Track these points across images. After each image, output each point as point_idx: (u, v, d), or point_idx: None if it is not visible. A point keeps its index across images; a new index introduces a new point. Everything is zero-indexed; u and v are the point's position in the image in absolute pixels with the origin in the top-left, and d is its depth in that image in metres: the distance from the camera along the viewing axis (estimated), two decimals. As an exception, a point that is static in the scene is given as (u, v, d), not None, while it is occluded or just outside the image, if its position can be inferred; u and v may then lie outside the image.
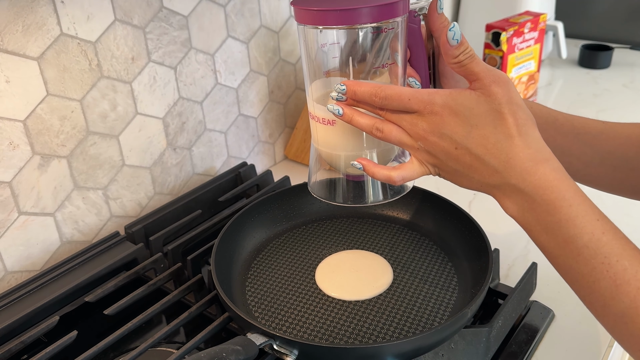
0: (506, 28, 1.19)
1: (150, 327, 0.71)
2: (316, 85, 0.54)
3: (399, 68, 0.52)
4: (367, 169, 0.50)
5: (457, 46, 0.45)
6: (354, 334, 0.62)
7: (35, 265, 0.79)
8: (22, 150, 0.72)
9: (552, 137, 0.58)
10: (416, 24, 0.52)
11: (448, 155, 0.46)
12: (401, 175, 0.49)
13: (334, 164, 0.55)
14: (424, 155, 0.48)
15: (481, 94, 0.45)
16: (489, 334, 0.62)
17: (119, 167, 0.85)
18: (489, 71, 0.45)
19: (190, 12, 0.89)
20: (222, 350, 0.51)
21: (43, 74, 0.72)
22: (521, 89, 1.30)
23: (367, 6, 0.47)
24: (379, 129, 0.48)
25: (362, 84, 0.48)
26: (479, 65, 0.45)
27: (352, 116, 0.49)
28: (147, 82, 0.86)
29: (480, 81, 0.45)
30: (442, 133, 0.46)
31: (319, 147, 0.56)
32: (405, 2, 0.49)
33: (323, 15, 0.48)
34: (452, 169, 0.47)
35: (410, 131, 0.47)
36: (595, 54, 1.58)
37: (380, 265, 0.73)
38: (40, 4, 0.70)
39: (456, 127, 0.45)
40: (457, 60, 0.46)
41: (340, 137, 0.52)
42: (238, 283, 0.71)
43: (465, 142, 0.45)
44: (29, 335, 0.63)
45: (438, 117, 0.45)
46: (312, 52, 0.52)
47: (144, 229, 0.82)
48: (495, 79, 0.44)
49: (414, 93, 0.46)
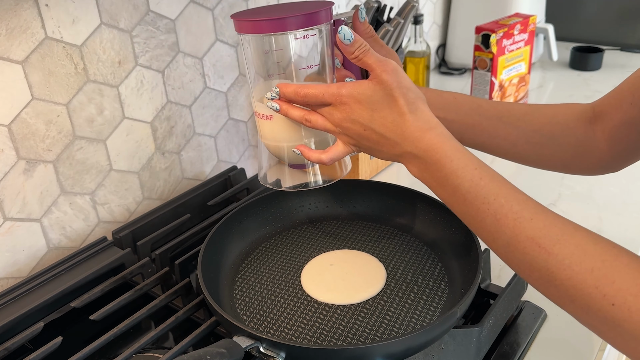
0: (496, 30, 1.19)
1: (138, 332, 0.70)
2: (258, 87, 0.62)
3: (327, 68, 0.60)
4: (304, 154, 0.59)
5: (352, 44, 0.53)
6: (342, 335, 0.61)
7: (22, 272, 0.78)
8: (6, 155, 0.72)
9: (477, 122, 0.66)
10: None
11: (360, 136, 0.55)
12: (329, 156, 0.58)
13: (279, 154, 0.63)
14: (344, 138, 0.57)
15: (376, 82, 0.53)
16: (479, 334, 0.62)
17: (106, 172, 0.85)
18: (380, 62, 0.52)
19: (177, 15, 0.88)
20: (206, 353, 0.50)
21: (28, 77, 0.71)
22: (512, 91, 1.30)
23: (294, 15, 0.55)
24: (308, 119, 0.57)
25: (287, 86, 0.57)
26: (371, 58, 0.53)
27: (287, 110, 0.58)
28: (135, 86, 0.85)
29: (374, 71, 0.53)
30: (352, 119, 0.54)
31: (264, 141, 0.64)
32: (328, 11, 0.57)
33: (257, 25, 0.56)
34: (366, 146, 0.56)
35: (330, 119, 0.56)
36: (586, 56, 1.59)
37: (373, 268, 0.72)
38: (24, 7, 0.69)
39: (362, 113, 0.53)
40: (354, 55, 0.54)
41: (280, 130, 0.61)
42: (226, 287, 0.71)
43: (370, 124, 0.53)
44: (13, 342, 0.62)
45: (347, 106, 0.54)
46: (253, 58, 0.60)
47: (131, 234, 0.81)
48: (385, 69, 0.52)
49: (327, 89, 0.54)
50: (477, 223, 0.51)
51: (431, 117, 0.54)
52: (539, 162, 0.68)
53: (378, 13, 1.03)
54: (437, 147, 0.52)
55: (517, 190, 0.50)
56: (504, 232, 0.48)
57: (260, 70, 0.61)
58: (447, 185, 0.52)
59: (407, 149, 0.53)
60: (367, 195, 0.84)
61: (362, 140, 0.55)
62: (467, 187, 0.50)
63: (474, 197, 0.50)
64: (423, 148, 0.52)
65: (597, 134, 0.64)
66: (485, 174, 0.50)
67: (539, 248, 0.46)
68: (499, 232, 0.49)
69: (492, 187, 0.50)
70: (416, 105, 0.53)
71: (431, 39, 1.65)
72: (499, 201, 0.49)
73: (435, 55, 1.69)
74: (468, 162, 0.51)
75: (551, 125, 0.66)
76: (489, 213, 0.49)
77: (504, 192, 0.49)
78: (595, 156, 0.65)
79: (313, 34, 0.57)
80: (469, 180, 0.50)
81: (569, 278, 0.44)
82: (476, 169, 0.51)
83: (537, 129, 0.66)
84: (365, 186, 0.85)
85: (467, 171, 0.51)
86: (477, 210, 0.50)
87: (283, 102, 0.58)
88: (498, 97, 1.27)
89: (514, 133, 0.66)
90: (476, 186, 0.50)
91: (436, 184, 0.53)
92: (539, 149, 0.66)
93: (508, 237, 0.48)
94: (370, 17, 0.99)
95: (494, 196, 0.49)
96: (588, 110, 0.65)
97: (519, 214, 0.48)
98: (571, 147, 0.65)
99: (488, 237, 0.50)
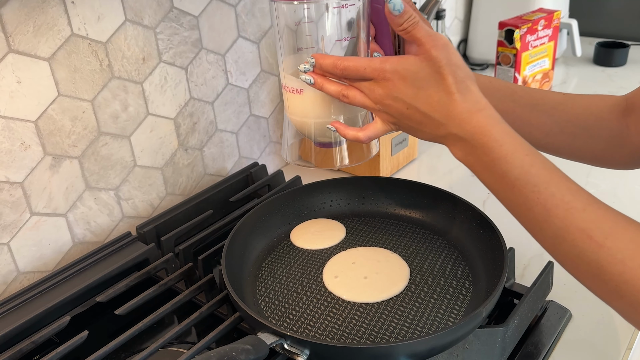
0: (519, 25, 1.18)
1: (162, 327, 0.71)
2: (288, 60, 0.60)
3: (362, 42, 0.57)
4: (340, 131, 0.57)
5: (401, 15, 0.50)
6: (366, 333, 0.61)
7: (48, 266, 0.79)
8: (33, 151, 0.73)
9: (511, 108, 0.64)
10: (380, 4, 0.56)
11: (402, 114, 0.53)
12: (367, 134, 0.56)
13: (305, 131, 0.61)
14: (384, 116, 0.55)
15: (424, 58, 0.50)
16: (504, 334, 0.61)
17: (130, 167, 0.85)
18: (430, 36, 0.50)
19: (200, 12, 0.88)
20: (232, 350, 0.50)
21: (54, 74, 0.72)
22: (535, 87, 1.29)
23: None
24: (345, 94, 0.55)
25: (325, 57, 0.54)
26: (420, 31, 0.50)
27: (322, 84, 0.55)
28: (158, 82, 0.86)
29: (422, 46, 0.50)
30: (394, 96, 0.52)
31: (291, 116, 0.62)
32: None
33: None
34: (407, 126, 0.54)
35: (369, 96, 0.53)
36: (610, 52, 1.56)
37: (396, 266, 0.72)
38: (51, 5, 0.70)
39: (405, 90, 0.51)
40: (402, 27, 0.51)
41: (310, 105, 0.58)
42: (249, 283, 0.71)
43: (414, 102, 0.51)
44: (41, 335, 0.63)
45: (390, 82, 0.51)
46: (285, 29, 0.58)
47: (155, 230, 0.82)
48: (434, 44, 0.50)
49: (369, 62, 0.52)
50: (525, 212, 0.49)
51: (480, 97, 0.51)
52: (571, 153, 0.67)
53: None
54: (485, 129, 0.49)
55: (568, 179, 0.48)
56: (553, 223, 0.46)
57: (292, 41, 0.58)
58: (494, 171, 0.50)
59: (453, 130, 0.51)
60: (389, 193, 0.84)
61: (404, 119, 0.53)
62: (516, 173, 0.48)
63: (524, 184, 0.48)
64: (470, 130, 0.50)
65: (630, 127, 0.62)
66: (536, 161, 0.48)
67: (589, 240, 0.44)
68: (547, 222, 0.47)
69: (543, 175, 0.48)
70: (465, 84, 0.50)
71: (453, 34, 1.64)
72: (549, 190, 0.47)
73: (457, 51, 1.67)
74: (518, 147, 0.49)
75: (585, 116, 0.64)
76: (538, 202, 0.47)
77: (555, 180, 0.47)
78: (627, 149, 0.63)
79: (352, 3, 0.55)
80: (519, 167, 0.48)
81: (621, 273, 0.43)
82: (527, 155, 0.49)
83: (571, 119, 0.64)
84: (387, 183, 0.84)
85: (517, 157, 0.48)
86: (526, 198, 0.48)
87: (318, 75, 0.55)
88: (521, 94, 1.25)
89: (547, 122, 0.64)
90: (526, 173, 0.48)
91: (482, 169, 0.51)
92: (571, 139, 0.65)
93: (557, 227, 0.46)
94: None
95: (544, 184, 0.47)
96: (621, 102, 0.64)
97: (570, 204, 0.46)
98: (603, 140, 0.64)
99: (535, 226, 0.49)
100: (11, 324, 0.64)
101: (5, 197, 0.71)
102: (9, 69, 0.68)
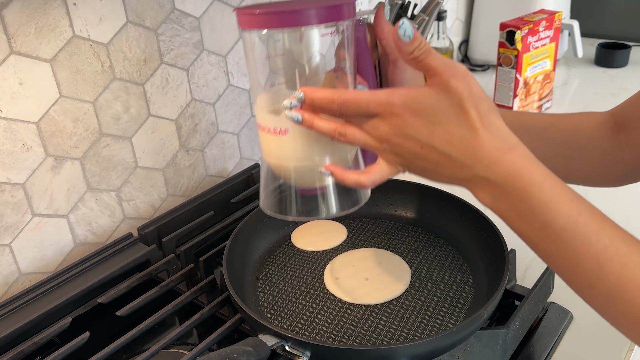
0: (521, 26, 1.18)
1: (163, 329, 0.71)
2: (265, 95, 0.52)
3: (348, 74, 0.50)
4: (337, 176, 0.49)
5: (411, 42, 0.43)
6: (367, 335, 0.61)
7: (49, 267, 0.79)
8: (35, 152, 0.73)
9: None
10: (361, 32, 0.51)
11: (415, 154, 0.45)
12: (371, 179, 0.48)
13: (285, 175, 0.53)
14: (391, 156, 0.47)
15: (440, 90, 0.43)
16: (505, 335, 0.61)
17: (132, 168, 0.85)
18: (447, 65, 0.44)
19: (202, 13, 0.89)
20: (233, 351, 0.50)
21: (56, 75, 0.72)
22: (536, 88, 1.29)
23: (313, 7, 0.45)
24: (342, 133, 0.47)
25: (318, 90, 0.46)
26: (435, 59, 0.44)
27: (312, 122, 0.47)
28: (160, 83, 0.86)
29: (438, 76, 0.43)
30: (406, 134, 0.45)
31: (270, 160, 0.53)
32: (351, 6, 0.48)
33: (267, 18, 0.46)
34: (421, 167, 0.47)
35: (373, 134, 0.46)
36: (612, 53, 1.56)
37: (397, 267, 0.72)
38: (53, 6, 0.70)
39: (419, 127, 0.44)
40: (413, 56, 0.44)
41: (291, 146, 0.50)
42: (250, 284, 0.71)
43: (431, 140, 0.44)
44: (42, 337, 0.63)
45: (399, 118, 0.44)
46: (259, 61, 0.50)
47: (156, 231, 0.82)
48: (453, 73, 0.43)
49: (372, 96, 0.45)
50: (572, 266, 0.43)
51: (509, 133, 0.45)
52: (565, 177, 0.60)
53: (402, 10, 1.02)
54: (521, 172, 0.43)
55: (619, 228, 0.43)
56: (607, 279, 0.41)
57: (269, 74, 0.51)
58: (533, 220, 0.43)
59: (480, 172, 0.44)
60: (390, 194, 0.84)
61: (417, 160, 0.46)
62: (562, 223, 0.42)
63: (572, 236, 0.42)
64: (502, 173, 0.43)
65: (621, 144, 0.60)
66: (584, 208, 0.43)
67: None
68: (600, 279, 0.41)
69: (594, 225, 0.42)
70: (490, 118, 0.44)
71: (454, 35, 1.64)
72: (602, 242, 0.41)
73: (458, 52, 1.67)
74: (562, 192, 0.43)
75: (577, 137, 0.61)
76: (589, 255, 0.41)
77: (607, 230, 0.42)
78: (620, 167, 0.61)
79: (335, 30, 0.48)
80: (565, 216, 0.42)
81: None
82: (572, 202, 0.43)
83: (563, 140, 0.62)
84: (389, 185, 0.84)
85: (562, 204, 0.42)
86: (574, 251, 0.42)
87: (307, 111, 0.47)
88: (523, 95, 1.25)
89: (540, 146, 0.60)
90: (574, 223, 0.42)
91: (517, 216, 0.44)
92: (565, 161, 0.62)
93: (612, 284, 0.41)
94: (394, 14, 0.99)
95: (596, 236, 0.41)
96: (608, 119, 0.62)
97: (626, 258, 0.41)
98: (597, 159, 0.61)
99: (583, 283, 0.43)
100: (13, 325, 0.64)
101: (6, 198, 0.71)
102: (10, 71, 0.68)
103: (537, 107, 1.31)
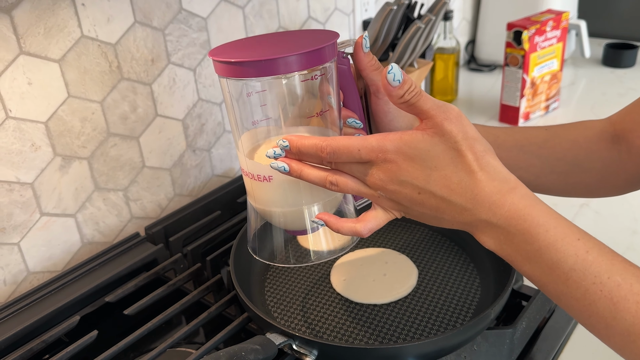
0: (528, 26, 1.17)
1: (170, 328, 0.71)
2: (246, 138, 0.50)
3: (334, 112, 0.49)
4: (330, 225, 0.47)
5: (401, 86, 0.42)
6: (374, 334, 0.61)
7: (57, 266, 0.79)
8: (43, 152, 0.73)
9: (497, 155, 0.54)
10: (345, 64, 0.50)
11: (412, 201, 0.44)
12: (367, 227, 0.47)
13: (274, 220, 0.52)
14: (386, 203, 0.46)
15: (434, 133, 0.42)
16: (512, 335, 0.61)
17: (139, 168, 0.86)
18: (439, 108, 0.43)
19: (209, 13, 0.89)
20: (241, 350, 0.50)
21: (64, 75, 0.73)
22: (544, 88, 1.28)
23: (292, 54, 0.43)
24: (333, 182, 0.45)
25: (305, 139, 0.45)
26: (427, 102, 0.43)
27: (300, 171, 0.46)
28: (167, 83, 0.86)
29: (431, 120, 0.42)
30: (401, 180, 0.43)
31: (255, 205, 0.52)
32: (332, 46, 0.46)
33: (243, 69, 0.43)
34: (419, 213, 0.45)
35: (367, 181, 0.45)
36: (619, 53, 1.56)
37: (404, 267, 0.72)
38: (62, 7, 0.70)
39: (415, 172, 0.43)
40: (404, 100, 0.43)
41: (280, 193, 0.48)
42: (257, 283, 0.71)
43: (428, 186, 0.43)
44: (50, 335, 0.64)
45: (393, 164, 0.43)
46: (237, 104, 0.48)
47: (164, 230, 0.82)
48: (447, 116, 0.42)
49: (362, 142, 0.43)
50: (585, 307, 0.41)
51: (508, 174, 0.44)
52: (564, 191, 0.62)
53: (409, 10, 1.02)
54: (523, 213, 0.42)
55: (629, 263, 0.41)
56: (623, 318, 0.39)
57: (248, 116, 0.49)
58: (540, 261, 0.42)
59: (482, 216, 0.43)
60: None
61: (414, 206, 0.45)
62: (570, 263, 0.41)
63: (581, 276, 0.40)
64: (504, 215, 0.42)
65: (622, 154, 0.58)
66: (592, 246, 0.41)
67: None
68: (616, 318, 0.40)
69: (604, 262, 0.40)
70: (486, 160, 0.43)
71: (460, 35, 1.63)
72: (614, 280, 0.40)
73: (464, 52, 1.67)
74: (567, 230, 0.42)
75: (575, 151, 0.59)
76: (602, 295, 0.40)
77: (618, 267, 0.40)
78: (621, 176, 0.59)
79: (321, 74, 0.46)
80: (573, 255, 0.41)
81: None
82: (579, 240, 0.41)
83: (560, 156, 0.59)
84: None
85: (568, 243, 0.41)
86: (586, 291, 0.40)
87: (293, 160, 0.46)
88: (530, 95, 1.25)
89: (537, 163, 0.59)
90: (583, 261, 0.40)
91: (523, 259, 0.43)
92: (564, 177, 0.60)
93: (629, 323, 0.39)
94: (400, 14, 0.99)
95: (607, 274, 0.40)
96: (607, 128, 0.60)
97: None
98: (597, 172, 0.59)
99: (599, 323, 0.41)
100: (21, 323, 0.64)
101: (15, 198, 0.72)
102: (20, 71, 0.68)
103: (544, 108, 1.31)
